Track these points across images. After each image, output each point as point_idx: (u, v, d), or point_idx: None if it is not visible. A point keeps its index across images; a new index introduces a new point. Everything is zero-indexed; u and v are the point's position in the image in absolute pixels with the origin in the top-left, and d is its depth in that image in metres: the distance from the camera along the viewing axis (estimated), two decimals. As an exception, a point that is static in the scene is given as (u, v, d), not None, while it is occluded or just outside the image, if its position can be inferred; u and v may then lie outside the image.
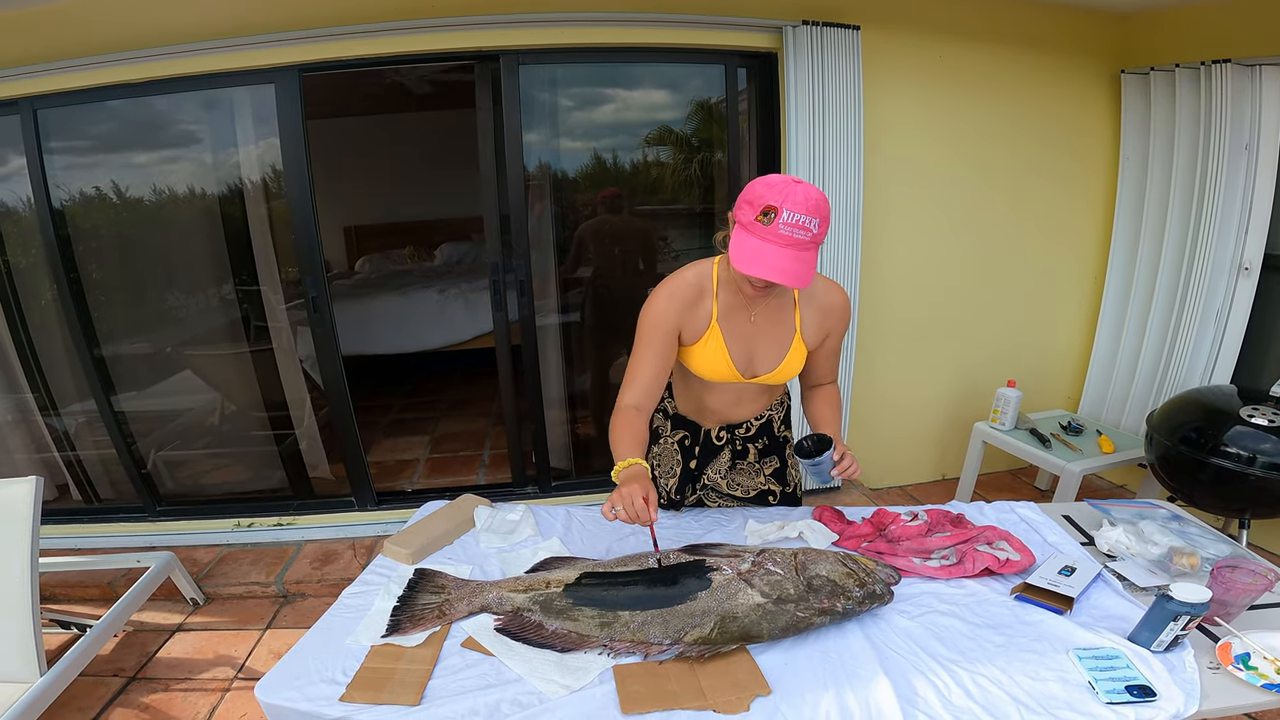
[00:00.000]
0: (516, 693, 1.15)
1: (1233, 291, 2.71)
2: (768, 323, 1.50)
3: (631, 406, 1.47)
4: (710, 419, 1.71)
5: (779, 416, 1.75)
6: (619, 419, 1.47)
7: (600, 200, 3.06)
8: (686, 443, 1.75)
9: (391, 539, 1.64)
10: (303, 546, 2.97)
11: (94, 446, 3.12)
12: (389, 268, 5.91)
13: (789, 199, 1.22)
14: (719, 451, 1.74)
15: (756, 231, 1.25)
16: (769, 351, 1.52)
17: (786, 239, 1.23)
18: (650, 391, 1.49)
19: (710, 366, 1.52)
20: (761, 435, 1.73)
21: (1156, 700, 1.07)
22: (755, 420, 1.71)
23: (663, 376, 1.50)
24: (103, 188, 2.78)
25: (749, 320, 1.50)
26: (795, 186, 1.24)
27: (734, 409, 1.68)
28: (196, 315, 3.11)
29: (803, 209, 1.22)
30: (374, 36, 2.43)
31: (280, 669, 1.23)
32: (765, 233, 1.24)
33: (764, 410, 1.71)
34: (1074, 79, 2.98)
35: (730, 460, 1.74)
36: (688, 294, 1.48)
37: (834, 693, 1.12)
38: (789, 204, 1.22)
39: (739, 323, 1.50)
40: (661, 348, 1.48)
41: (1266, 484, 2.09)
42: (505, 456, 3.56)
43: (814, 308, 1.52)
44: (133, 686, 2.23)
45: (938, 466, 3.51)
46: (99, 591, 2.68)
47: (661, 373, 1.50)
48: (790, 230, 1.23)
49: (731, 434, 1.72)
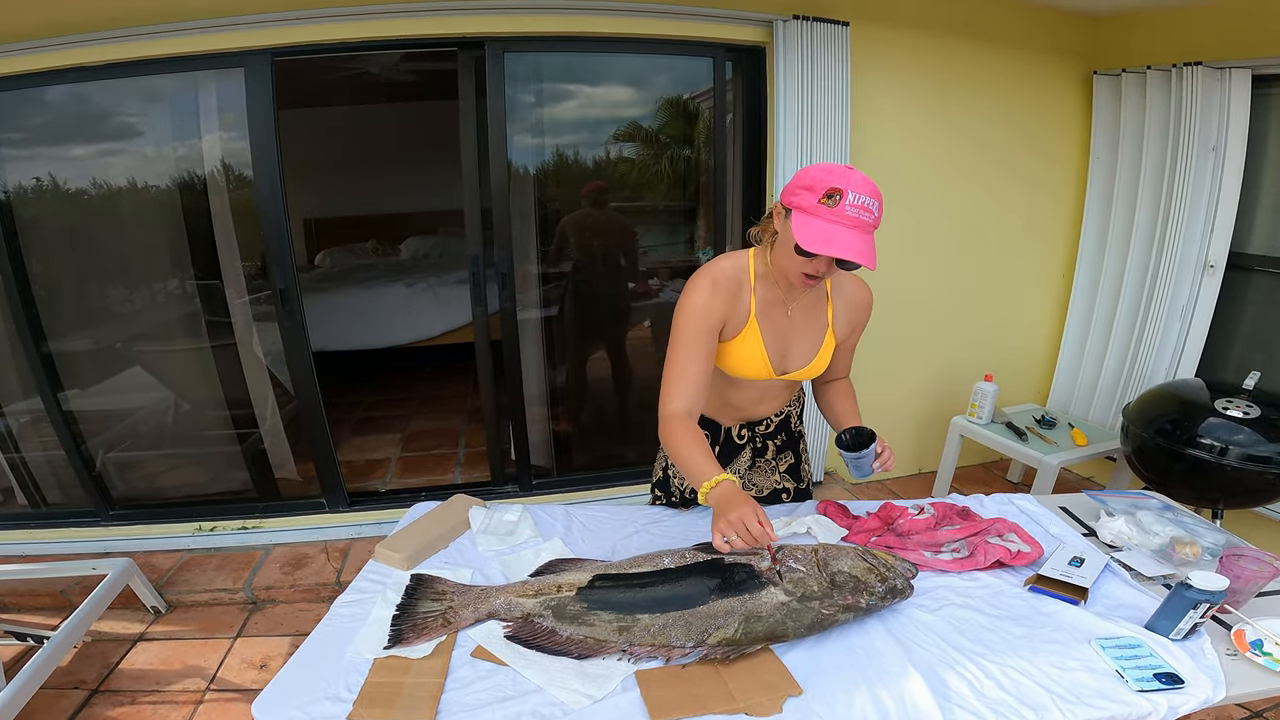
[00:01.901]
0: (537, 704, 1.09)
1: (1198, 289, 2.80)
2: (803, 317, 1.48)
3: (683, 413, 1.38)
4: (731, 416, 1.65)
5: (796, 412, 1.73)
6: (676, 429, 1.37)
7: (585, 194, 3.00)
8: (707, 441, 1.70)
9: (384, 543, 1.55)
10: (271, 550, 2.84)
11: (40, 447, 2.92)
12: (351, 261, 5.72)
13: (851, 181, 1.22)
14: (740, 450, 1.69)
15: (822, 214, 1.23)
16: (802, 347, 1.50)
17: (854, 220, 1.22)
18: (699, 394, 1.40)
19: (746, 363, 1.47)
20: (780, 431, 1.70)
21: (1185, 687, 1.08)
22: (775, 417, 1.68)
23: (707, 376, 1.42)
24: (54, 176, 2.60)
25: (785, 315, 1.47)
26: (852, 172, 1.24)
27: (757, 406, 1.63)
28: (153, 309, 2.94)
29: (866, 191, 1.22)
30: (354, 19, 2.33)
31: (278, 685, 1.14)
32: (832, 215, 1.22)
33: (784, 406, 1.68)
34: (1049, 79, 3.05)
35: (750, 459, 1.71)
36: (730, 286, 1.41)
37: (866, 690, 1.10)
38: (853, 186, 1.21)
39: (776, 318, 1.46)
40: (707, 343, 1.40)
41: (1240, 475, 2.17)
42: (482, 454, 3.47)
43: (845, 302, 1.52)
44: (96, 699, 2.10)
45: (915, 460, 3.56)
46: (51, 600, 2.51)
47: (706, 372, 1.41)
48: (857, 212, 1.22)
49: (753, 431, 1.68)
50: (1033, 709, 1.05)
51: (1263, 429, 2.16)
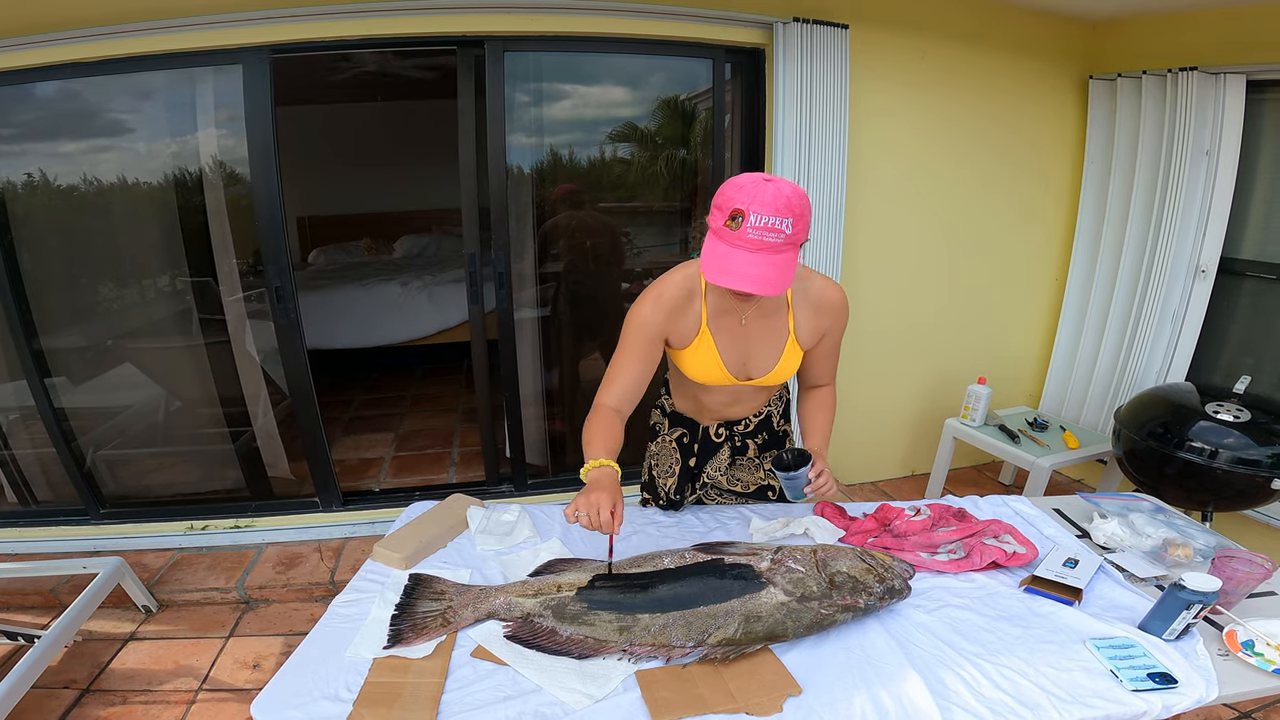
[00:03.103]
0: (538, 704, 1.09)
1: (1189, 293, 2.83)
2: (760, 325, 1.46)
3: (610, 407, 1.43)
4: (708, 417, 1.68)
5: (778, 411, 1.73)
6: (596, 417, 1.42)
7: (557, 197, 2.99)
8: (685, 440, 1.71)
9: (381, 543, 1.55)
10: (264, 550, 2.82)
11: (30, 445, 2.89)
12: (345, 260, 5.69)
13: (756, 200, 1.15)
14: (718, 449, 1.71)
15: (725, 238, 1.19)
16: (763, 354, 1.48)
17: (756, 243, 1.16)
18: (629, 396, 1.45)
19: (703, 370, 1.48)
20: (761, 430, 1.70)
21: (1179, 687, 1.09)
22: (754, 417, 1.69)
23: (642, 382, 1.46)
24: (46, 173, 2.58)
25: (740, 323, 1.45)
26: (765, 186, 1.17)
27: (730, 408, 1.65)
28: (146, 306, 2.92)
29: (771, 210, 1.15)
30: (355, 17, 2.31)
31: (276, 685, 1.14)
32: (734, 238, 1.18)
33: (762, 407, 1.68)
34: (1045, 83, 3.07)
35: (730, 457, 1.72)
36: (675, 298, 1.42)
37: (865, 690, 1.11)
38: (756, 205, 1.15)
39: (730, 325, 1.45)
40: (644, 354, 1.44)
41: (1230, 477, 2.19)
42: (476, 454, 3.46)
43: (809, 307, 1.46)
44: (87, 699, 2.08)
45: (907, 463, 3.57)
46: (41, 599, 2.49)
47: (642, 379, 1.45)
48: (760, 234, 1.15)
49: (731, 430, 1.69)
50: (1030, 708, 1.06)
51: (1252, 433, 2.18)
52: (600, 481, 1.29)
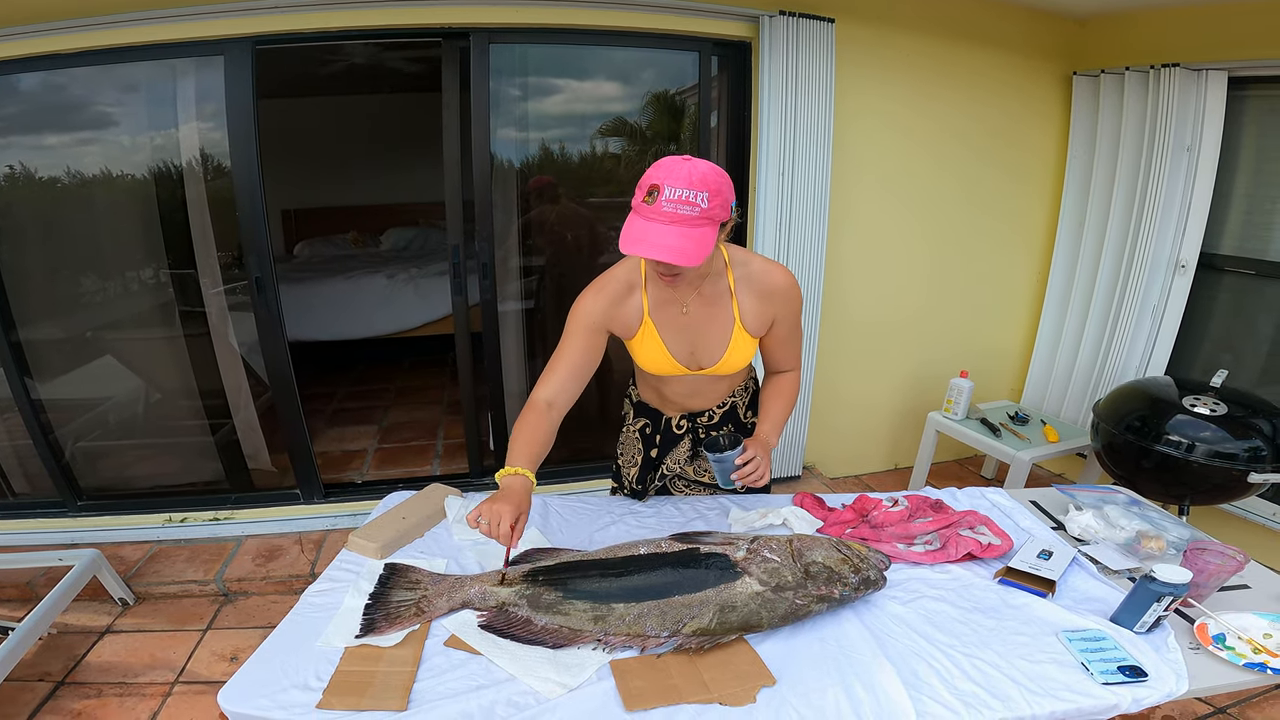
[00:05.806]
0: (511, 693, 1.09)
1: (1169, 288, 2.85)
2: (703, 314, 1.46)
3: (544, 401, 1.42)
4: (671, 408, 1.69)
5: (744, 402, 1.71)
6: (526, 416, 1.41)
7: (531, 189, 2.97)
8: (648, 431, 1.72)
9: (357, 532, 1.54)
10: (243, 542, 2.80)
11: (7, 437, 2.85)
12: (330, 252, 5.65)
13: (671, 175, 1.20)
14: (679, 440, 1.71)
15: (642, 212, 1.22)
16: (710, 343, 1.48)
17: (670, 215, 1.19)
18: (566, 389, 1.45)
19: (652, 360, 1.50)
20: (727, 422, 1.70)
21: (1149, 680, 1.10)
22: (718, 408, 1.68)
23: (581, 374, 1.46)
24: (26, 165, 2.54)
25: (682, 312, 1.46)
26: (683, 164, 1.21)
27: (691, 399, 1.65)
28: (126, 298, 2.87)
29: (685, 184, 1.19)
30: (338, 8, 2.29)
31: (244, 675, 1.13)
32: (650, 212, 1.21)
33: (725, 398, 1.68)
34: (1029, 79, 3.08)
35: (691, 449, 1.71)
36: (616, 290, 1.44)
37: (839, 680, 1.11)
38: (670, 180, 1.20)
39: (672, 315, 1.46)
40: (583, 344, 1.44)
41: (1207, 471, 2.21)
42: (460, 446, 3.45)
43: (753, 294, 1.45)
44: (62, 691, 2.05)
45: (890, 456, 3.59)
46: (17, 592, 2.46)
47: (580, 370, 1.45)
48: (674, 207, 1.19)
49: (694, 422, 1.69)
50: (1001, 700, 1.07)
51: (1229, 426, 2.20)
52: (508, 491, 1.29)
